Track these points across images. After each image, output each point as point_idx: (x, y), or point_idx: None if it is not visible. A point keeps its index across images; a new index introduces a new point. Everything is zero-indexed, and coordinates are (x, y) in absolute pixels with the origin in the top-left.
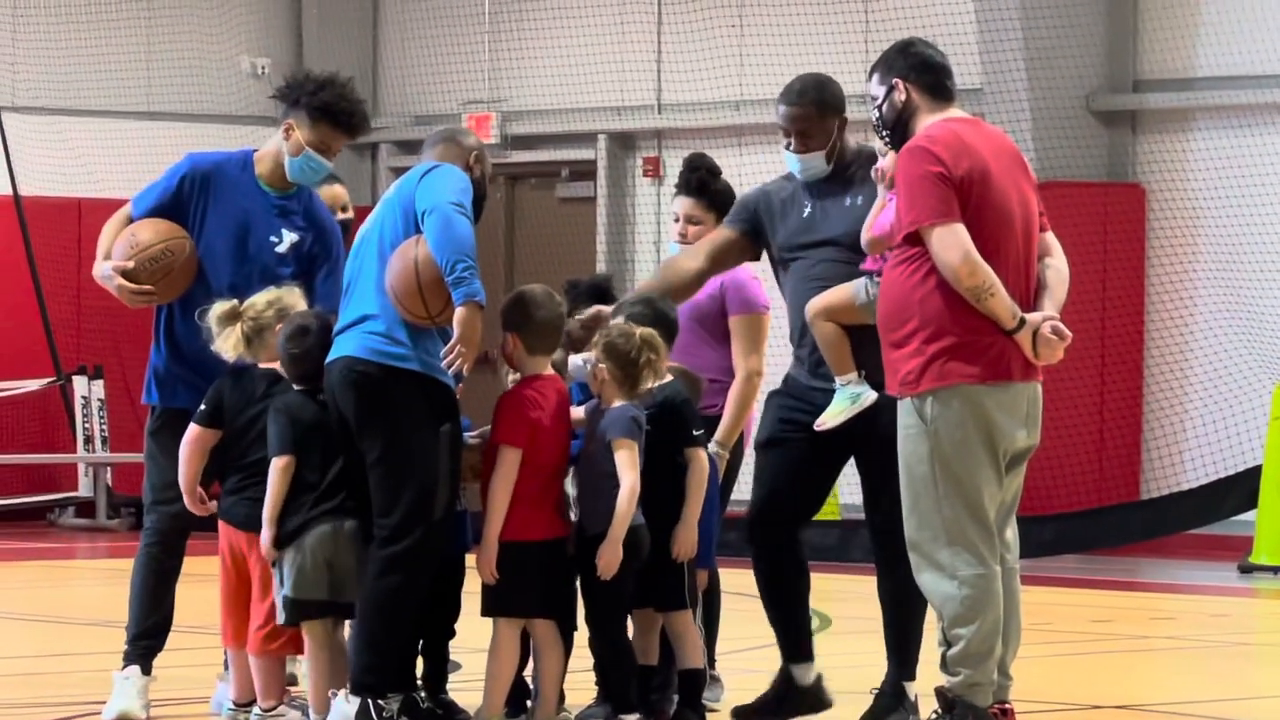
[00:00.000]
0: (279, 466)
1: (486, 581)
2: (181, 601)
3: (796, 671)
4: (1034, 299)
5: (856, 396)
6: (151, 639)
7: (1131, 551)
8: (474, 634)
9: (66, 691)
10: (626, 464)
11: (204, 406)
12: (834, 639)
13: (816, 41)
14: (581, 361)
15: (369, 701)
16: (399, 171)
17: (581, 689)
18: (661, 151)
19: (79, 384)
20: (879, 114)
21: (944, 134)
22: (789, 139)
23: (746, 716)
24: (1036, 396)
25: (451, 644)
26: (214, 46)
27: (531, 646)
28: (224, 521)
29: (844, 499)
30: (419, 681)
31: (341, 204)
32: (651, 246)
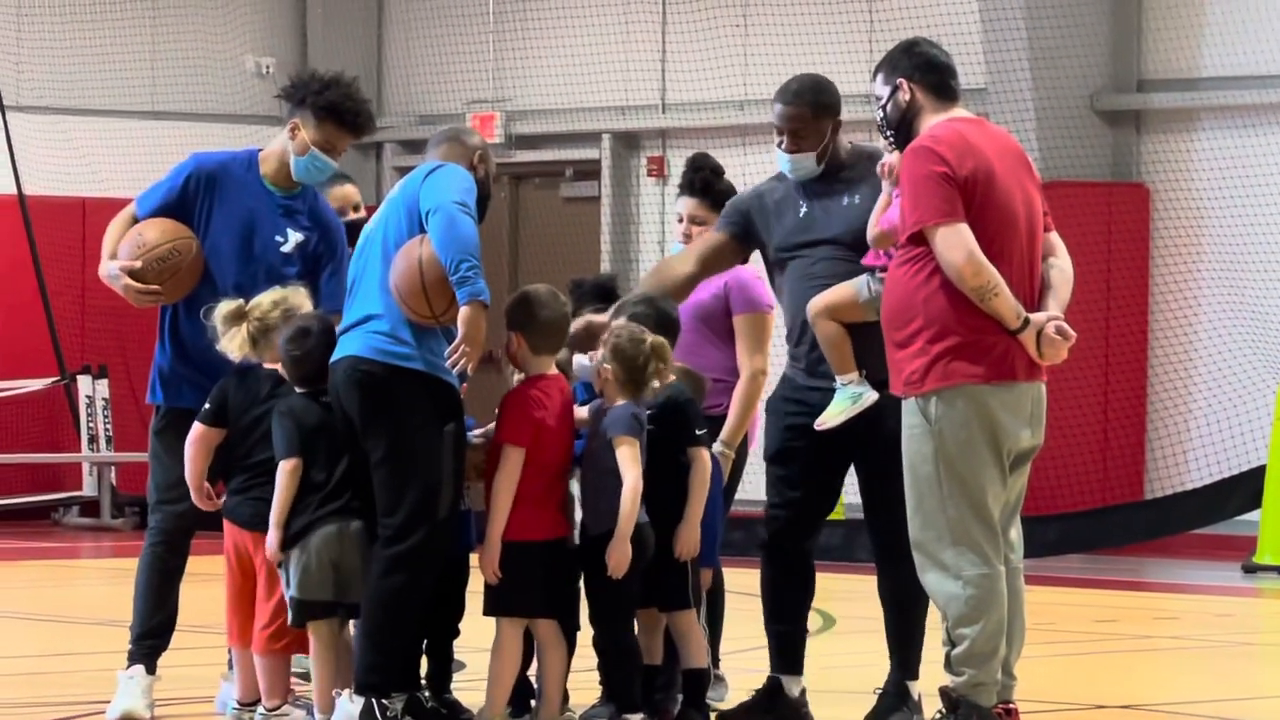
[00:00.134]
0: (286, 469)
1: (489, 581)
2: (186, 601)
3: (786, 682)
4: (1038, 299)
5: (858, 396)
6: (156, 638)
7: (1135, 551)
8: (478, 633)
9: (71, 691)
10: (628, 461)
11: (208, 405)
12: (838, 639)
13: (821, 41)
14: (587, 361)
15: (373, 701)
16: (403, 171)
17: (585, 688)
18: (666, 151)
19: (83, 383)
20: (883, 114)
21: (948, 134)
22: (781, 137)
23: None
24: (1041, 396)
25: (455, 643)
26: (219, 46)
27: (535, 646)
28: (229, 521)
29: (849, 498)
30: (423, 681)
31: (354, 203)
32: (656, 246)
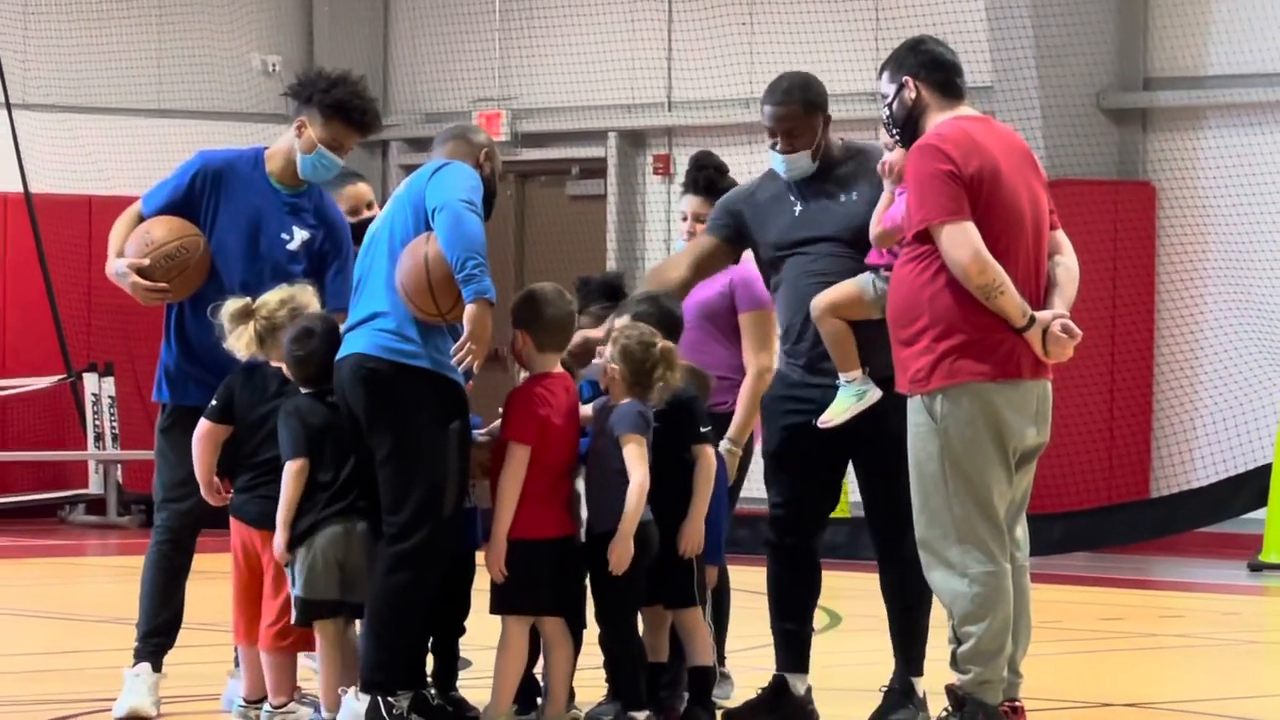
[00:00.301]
0: (293, 470)
1: (495, 579)
2: (192, 598)
3: (791, 680)
4: (1044, 297)
5: (862, 394)
6: (162, 636)
7: (1141, 549)
8: (484, 631)
9: (77, 688)
10: (635, 458)
11: (215, 402)
12: (843, 636)
13: (826, 39)
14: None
15: (379, 699)
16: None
17: (591, 686)
18: (672, 149)
19: (89, 381)
20: (889, 112)
21: (954, 132)
22: (775, 139)
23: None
24: (1046, 394)
25: (461, 641)
26: (225, 44)
27: (541, 644)
28: (236, 519)
29: (854, 496)
30: (429, 678)
31: (366, 201)
32: (662, 244)
